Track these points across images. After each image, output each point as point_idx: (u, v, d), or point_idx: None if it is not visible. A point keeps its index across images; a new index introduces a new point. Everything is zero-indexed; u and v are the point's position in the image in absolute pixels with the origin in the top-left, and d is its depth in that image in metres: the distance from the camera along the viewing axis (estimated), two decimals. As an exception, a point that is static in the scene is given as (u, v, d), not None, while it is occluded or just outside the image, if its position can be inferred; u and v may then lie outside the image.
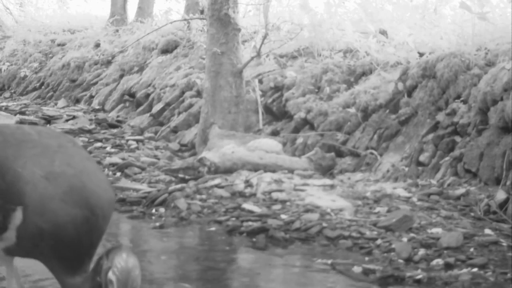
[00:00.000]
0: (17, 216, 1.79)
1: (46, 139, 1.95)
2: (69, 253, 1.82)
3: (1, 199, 1.80)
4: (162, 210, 4.95)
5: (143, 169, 6.19)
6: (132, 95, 9.82)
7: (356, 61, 7.05)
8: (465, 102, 5.36)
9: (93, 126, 8.62)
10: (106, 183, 1.95)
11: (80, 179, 1.85)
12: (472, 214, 4.37)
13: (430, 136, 5.41)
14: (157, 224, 4.66)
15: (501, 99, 4.90)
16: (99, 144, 7.42)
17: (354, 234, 4.11)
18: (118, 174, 6.09)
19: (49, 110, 9.80)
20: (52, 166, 1.85)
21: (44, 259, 1.87)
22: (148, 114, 8.82)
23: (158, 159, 6.64)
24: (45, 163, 1.85)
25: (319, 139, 6.19)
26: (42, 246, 1.81)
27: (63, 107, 10.79)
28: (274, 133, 6.75)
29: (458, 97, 5.47)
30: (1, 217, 1.80)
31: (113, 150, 7.17)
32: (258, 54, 7.23)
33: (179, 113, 8.15)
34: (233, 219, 4.59)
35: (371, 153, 5.71)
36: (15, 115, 8.74)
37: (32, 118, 8.79)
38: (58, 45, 14.09)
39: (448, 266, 3.52)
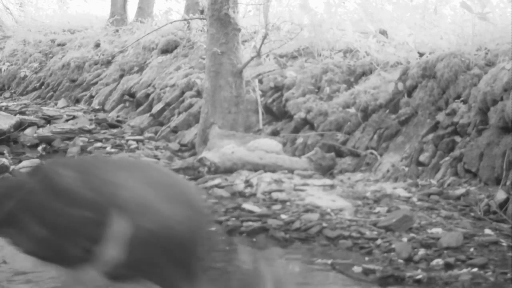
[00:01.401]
0: (118, 224, 1.62)
1: (128, 161, 1.90)
2: (186, 254, 1.67)
3: (91, 211, 1.63)
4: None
5: None
6: (132, 95, 9.82)
7: (356, 61, 7.06)
8: (465, 102, 5.36)
9: (93, 126, 8.61)
10: (200, 195, 1.84)
11: (178, 186, 1.71)
12: (472, 214, 4.37)
13: (430, 136, 5.41)
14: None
15: (501, 99, 4.90)
16: (99, 144, 7.42)
17: (354, 234, 4.11)
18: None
19: (49, 110, 9.80)
20: (146, 175, 1.70)
21: (158, 274, 1.67)
22: (148, 114, 8.82)
23: (158, 159, 6.64)
24: (138, 174, 1.71)
25: (319, 139, 6.19)
26: (154, 253, 1.63)
27: (63, 107, 10.79)
28: (274, 133, 6.75)
29: (458, 97, 5.47)
30: (97, 229, 1.62)
31: (113, 150, 7.17)
32: (258, 54, 7.23)
33: (179, 113, 8.15)
34: (233, 219, 4.58)
35: (371, 153, 5.71)
36: (15, 115, 8.73)
37: (32, 118, 8.78)
38: (58, 45, 14.10)
39: (448, 266, 3.52)
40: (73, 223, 1.65)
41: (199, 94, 8.06)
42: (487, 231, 4.01)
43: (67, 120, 8.98)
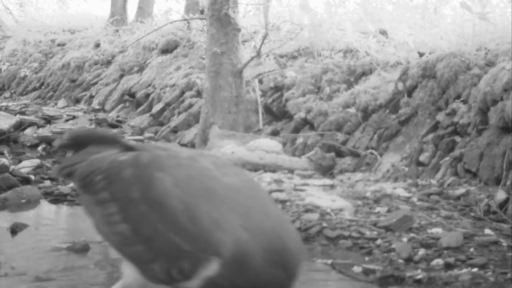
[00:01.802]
0: (211, 268, 1.55)
1: (228, 177, 1.70)
2: None
3: (191, 246, 1.56)
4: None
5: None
6: (132, 95, 9.82)
7: (356, 61, 7.06)
8: (465, 102, 5.36)
9: (93, 126, 8.61)
10: (298, 237, 1.72)
11: (279, 235, 1.61)
12: (472, 214, 4.37)
13: (430, 136, 5.41)
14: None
15: (501, 99, 4.90)
16: (99, 144, 7.40)
17: (354, 234, 4.11)
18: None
19: (49, 110, 9.80)
20: (249, 215, 1.60)
21: None
22: (148, 114, 8.82)
23: (158, 159, 6.63)
24: (241, 210, 1.60)
25: (319, 139, 6.19)
26: None
27: (63, 107, 10.80)
28: (274, 133, 6.75)
29: (458, 97, 5.47)
30: (189, 265, 1.56)
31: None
32: (258, 54, 7.23)
33: (179, 113, 8.15)
34: (233, 219, 4.57)
35: (371, 153, 5.71)
36: (15, 115, 8.73)
37: (32, 118, 8.79)
38: (58, 45, 14.10)
39: (448, 266, 3.52)
40: (165, 245, 1.58)
41: (199, 94, 8.07)
42: (487, 231, 4.01)
43: (67, 120, 8.98)
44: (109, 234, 1.73)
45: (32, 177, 5.65)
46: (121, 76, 10.79)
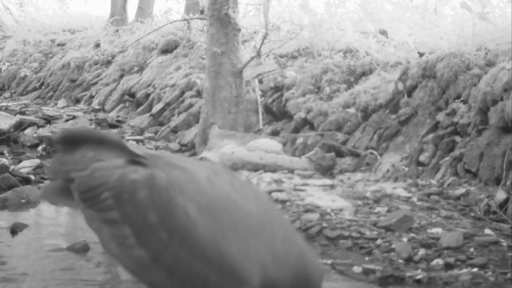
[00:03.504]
0: None
1: (249, 202, 1.64)
2: None
3: (218, 276, 1.51)
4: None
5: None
6: (132, 95, 9.82)
7: (356, 61, 7.06)
8: (465, 102, 5.36)
9: (93, 126, 8.61)
10: (318, 264, 1.69)
11: (303, 263, 1.59)
12: (472, 214, 4.37)
13: (430, 136, 5.41)
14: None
15: (501, 99, 4.90)
16: (99, 144, 7.40)
17: (354, 234, 4.11)
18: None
19: (49, 110, 9.80)
20: (275, 244, 1.56)
21: None
22: (148, 114, 8.82)
23: (158, 159, 6.63)
24: (267, 239, 1.55)
25: (319, 139, 6.19)
26: None
27: (63, 107, 10.80)
28: (274, 133, 6.75)
29: (458, 97, 5.47)
30: None
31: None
32: (258, 54, 7.23)
33: (179, 113, 8.15)
34: (233, 219, 4.57)
35: (371, 153, 5.71)
36: (15, 115, 8.73)
37: (32, 118, 8.79)
38: (58, 45, 14.11)
39: (448, 266, 3.52)
40: (190, 275, 1.53)
41: (199, 94, 8.07)
42: (487, 231, 4.01)
43: (67, 120, 8.98)
44: (122, 256, 1.65)
45: (32, 177, 5.65)
46: (121, 76, 10.79)
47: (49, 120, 8.96)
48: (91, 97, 10.97)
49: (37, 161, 6.20)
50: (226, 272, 1.51)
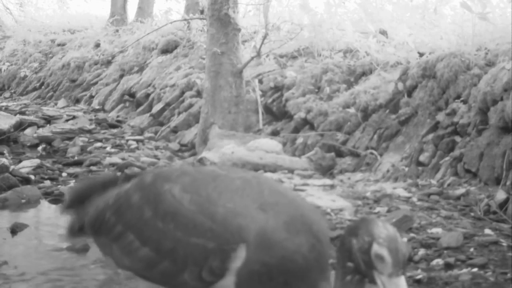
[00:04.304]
0: (239, 256, 1.55)
1: (236, 174, 1.72)
2: (302, 284, 1.59)
3: (214, 242, 1.55)
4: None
5: (143, 169, 6.17)
6: (132, 95, 9.82)
7: (356, 61, 7.06)
8: (465, 102, 5.36)
9: (93, 126, 8.61)
10: (312, 206, 1.75)
11: (296, 207, 1.64)
12: (472, 214, 4.37)
13: (430, 136, 5.41)
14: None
15: (501, 99, 4.90)
16: (99, 144, 7.41)
17: (354, 234, 4.10)
18: (118, 174, 6.08)
19: (49, 110, 9.80)
20: (263, 197, 1.61)
21: None
22: (148, 114, 8.82)
23: (158, 159, 6.64)
24: (254, 195, 1.62)
25: (319, 139, 6.19)
26: (270, 286, 1.57)
27: (63, 107, 10.80)
28: (274, 133, 6.75)
29: (458, 97, 5.47)
30: (217, 262, 1.55)
31: (113, 150, 7.16)
32: (258, 54, 7.23)
33: (179, 113, 8.15)
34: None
35: (371, 153, 5.71)
36: (15, 115, 8.73)
37: (32, 118, 8.79)
38: (58, 45, 14.11)
39: (448, 266, 3.52)
40: (190, 250, 1.58)
41: (199, 94, 8.06)
42: (487, 231, 4.01)
43: (67, 120, 8.98)
44: (133, 264, 1.71)
45: (32, 177, 5.65)
46: (121, 76, 10.79)
47: (49, 120, 8.96)
48: (91, 97, 10.97)
49: (37, 161, 6.20)
50: (220, 236, 1.56)
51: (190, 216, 1.60)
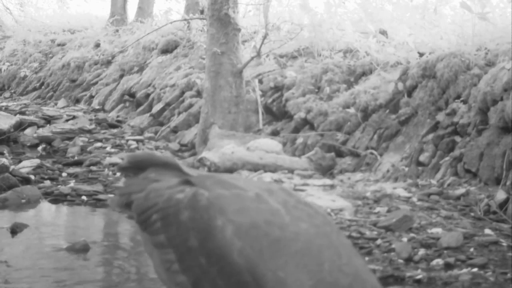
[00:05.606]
0: None
1: (299, 222, 1.51)
2: None
3: None
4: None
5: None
6: (132, 95, 9.82)
7: (356, 61, 7.06)
8: (465, 102, 5.36)
9: (93, 126, 8.62)
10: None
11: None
12: (472, 214, 4.37)
13: (430, 136, 5.41)
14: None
15: (501, 99, 4.90)
16: (99, 144, 7.42)
17: (354, 234, 4.11)
18: (118, 174, 6.09)
19: (49, 110, 9.80)
20: (322, 272, 1.41)
21: None
22: (148, 114, 8.82)
23: (158, 159, 6.62)
24: (312, 266, 1.42)
25: (319, 139, 6.19)
26: None
27: (63, 107, 10.80)
28: (274, 133, 6.75)
29: (458, 97, 5.47)
30: None
31: (113, 150, 7.16)
32: (258, 54, 7.23)
33: (179, 113, 8.15)
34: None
35: (371, 153, 5.71)
36: (15, 115, 8.73)
37: (32, 118, 8.79)
38: (58, 45, 14.11)
39: (448, 266, 3.52)
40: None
41: (199, 94, 8.06)
42: (487, 231, 4.01)
43: (67, 120, 8.98)
44: (168, 282, 1.62)
45: (32, 177, 5.65)
46: (121, 76, 10.79)
47: (49, 120, 8.96)
48: (91, 97, 10.97)
49: (37, 161, 6.20)
50: None
51: (236, 269, 1.45)
